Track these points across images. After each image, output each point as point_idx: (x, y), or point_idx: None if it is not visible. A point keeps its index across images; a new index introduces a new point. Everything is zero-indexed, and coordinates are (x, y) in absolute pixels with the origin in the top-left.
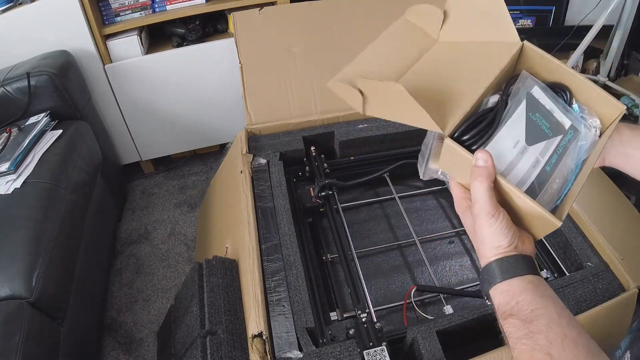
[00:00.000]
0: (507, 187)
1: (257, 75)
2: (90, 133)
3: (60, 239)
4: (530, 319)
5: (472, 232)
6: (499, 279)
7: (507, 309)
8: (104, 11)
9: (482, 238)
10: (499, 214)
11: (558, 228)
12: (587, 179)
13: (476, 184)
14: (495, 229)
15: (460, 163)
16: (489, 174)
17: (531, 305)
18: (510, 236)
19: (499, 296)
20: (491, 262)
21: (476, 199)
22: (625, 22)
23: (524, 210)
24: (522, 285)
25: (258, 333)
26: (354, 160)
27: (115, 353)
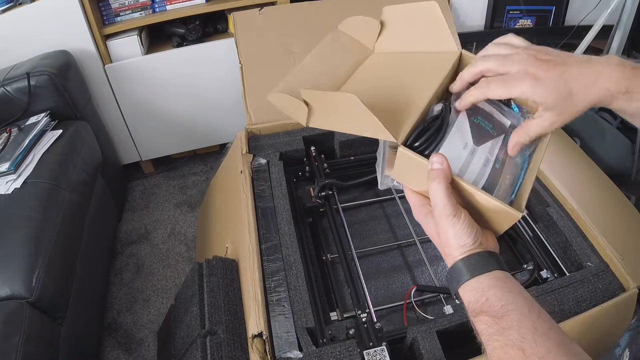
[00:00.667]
0: (464, 186)
1: (257, 75)
2: (90, 133)
3: (60, 239)
4: (501, 315)
5: (435, 236)
6: (466, 277)
7: (477, 307)
8: (104, 11)
9: (446, 240)
10: (461, 214)
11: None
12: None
13: (433, 185)
14: (458, 228)
15: (416, 170)
16: (446, 175)
17: (501, 301)
18: (474, 234)
19: (468, 294)
20: (457, 261)
21: (436, 201)
22: (625, 22)
23: (484, 206)
24: (491, 281)
25: (258, 333)
26: (354, 160)
27: (115, 353)
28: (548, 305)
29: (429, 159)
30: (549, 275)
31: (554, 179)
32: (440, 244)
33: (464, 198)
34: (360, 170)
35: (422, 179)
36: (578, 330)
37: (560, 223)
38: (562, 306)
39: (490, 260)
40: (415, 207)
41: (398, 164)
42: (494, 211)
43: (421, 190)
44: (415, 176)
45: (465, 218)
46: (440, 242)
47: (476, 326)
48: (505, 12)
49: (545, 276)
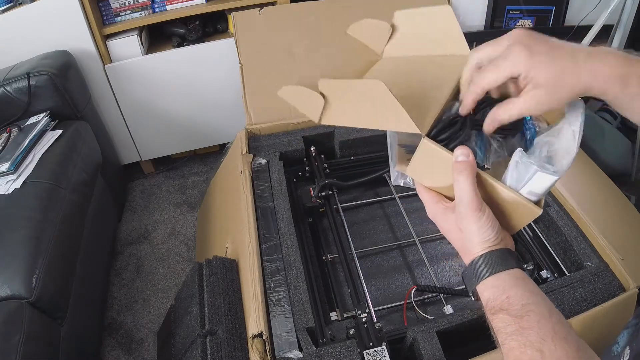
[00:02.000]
0: (488, 180)
1: (257, 75)
2: (90, 133)
3: (60, 239)
4: (521, 315)
5: (455, 231)
6: (487, 274)
7: (497, 304)
8: (104, 11)
9: (469, 235)
10: (485, 208)
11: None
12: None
13: (461, 179)
14: (483, 222)
15: (437, 163)
16: (473, 168)
17: (522, 300)
18: (497, 229)
19: (488, 291)
20: (477, 257)
21: (462, 194)
22: (625, 22)
23: (506, 201)
24: (512, 280)
25: (258, 333)
26: (354, 160)
27: (115, 353)
28: None
29: (454, 151)
30: (549, 275)
31: None
32: (461, 239)
33: (486, 193)
34: (360, 170)
35: (442, 173)
36: (578, 330)
37: (560, 223)
38: (562, 306)
39: (511, 258)
40: (430, 204)
41: (418, 156)
42: (515, 206)
43: (437, 186)
44: (434, 170)
45: (490, 213)
46: (461, 237)
47: (494, 324)
48: (505, 12)
49: (545, 276)
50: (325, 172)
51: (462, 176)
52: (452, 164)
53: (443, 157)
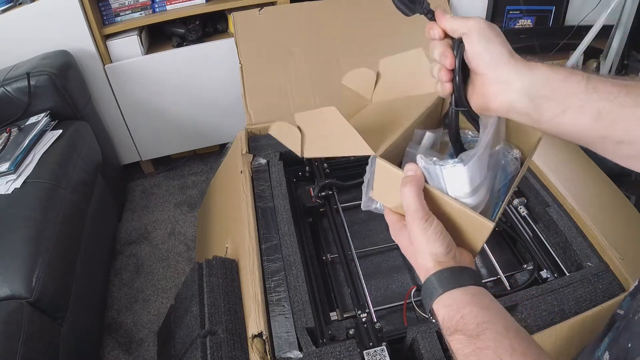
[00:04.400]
0: (437, 195)
1: (257, 75)
2: (90, 133)
3: (60, 239)
4: (477, 334)
5: (408, 247)
6: (440, 291)
7: (452, 324)
8: (104, 11)
9: (418, 247)
10: (433, 219)
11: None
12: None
13: (405, 190)
14: (430, 234)
15: (393, 182)
16: (418, 181)
17: (477, 318)
18: (447, 243)
19: (442, 310)
20: (430, 275)
21: (408, 205)
22: (625, 22)
23: (457, 216)
24: (466, 297)
25: (258, 333)
26: (354, 160)
27: (115, 353)
28: (548, 305)
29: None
30: (549, 275)
31: (554, 179)
32: (413, 253)
33: (438, 209)
34: (360, 170)
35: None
36: (578, 330)
37: (560, 223)
38: (562, 306)
39: (464, 275)
40: (392, 225)
41: (377, 176)
42: (467, 220)
43: (398, 207)
44: (392, 189)
45: (438, 225)
46: (413, 249)
47: (451, 345)
48: (505, 12)
49: (545, 276)
50: (325, 172)
51: (407, 188)
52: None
53: (395, 174)
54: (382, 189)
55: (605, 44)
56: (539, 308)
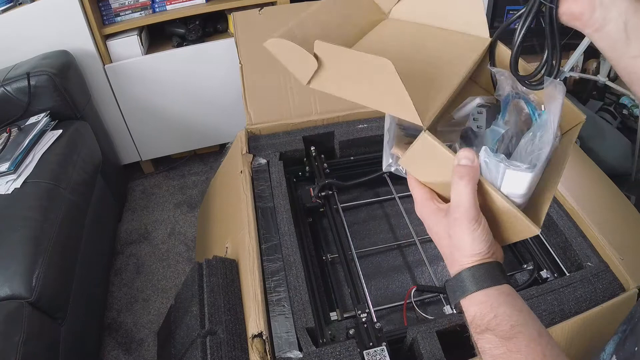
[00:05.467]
0: (488, 190)
1: (257, 75)
2: (90, 133)
3: (60, 239)
4: (509, 337)
5: (444, 237)
6: (473, 288)
7: (484, 323)
8: (104, 11)
9: (459, 244)
10: (481, 219)
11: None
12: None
13: (461, 184)
14: (477, 235)
15: (437, 160)
16: (475, 174)
17: (510, 320)
18: (490, 242)
19: (475, 307)
20: (465, 269)
21: (460, 202)
22: None
23: (504, 214)
24: (500, 297)
25: (258, 333)
26: (354, 160)
27: (115, 353)
28: (548, 305)
29: (458, 153)
30: (549, 275)
31: None
32: (450, 247)
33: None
34: (360, 170)
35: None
36: (578, 330)
37: (560, 223)
38: (562, 306)
39: (499, 272)
40: (422, 201)
41: (415, 150)
42: (513, 221)
43: (432, 182)
44: (432, 167)
45: (485, 225)
46: (450, 244)
47: (479, 344)
48: (505, 12)
49: (545, 276)
50: (325, 172)
51: (463, 182)
52: (453, 165)
53: (444, 156)
54: (418, 161)
55: None
56: (539, 308)
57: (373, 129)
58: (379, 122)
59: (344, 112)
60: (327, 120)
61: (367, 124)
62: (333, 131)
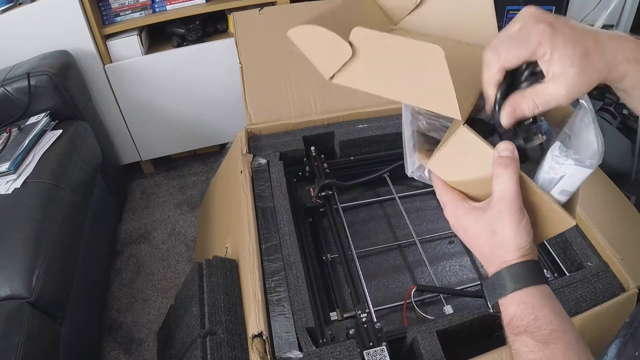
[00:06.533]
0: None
1: (257, 75)
2: (90, 133)
3: (60, 239)
4: (547, 342)
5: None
6: (516, 287)
7: (523, 324)
8: (104, 11)
9: (503, 239)
10: (524, 212)
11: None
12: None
13: (505, 175)
14: (522, 227)
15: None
16: (517, 166)
17: (551, 324)
18: (532, 237)
19: (515, 307)
20: (508, 266)
21: (504, 193)
22: (625, 22)
23: (542, 207)
24: (542, 299)
25: (258, 333)
26: (354, 160)
27: (115, 353)
28: None
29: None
30: (549, 275)
31: None
32: (491, 244)
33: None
34: (360, 170)
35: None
36: (578, 330)
37: None
38: (562, 306)
39: (540, 271)
40: (453, 204)
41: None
42: (550, 214)
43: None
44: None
45: (528, 217)
46: (492, 242)
47: (514, 345)
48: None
49: (545, 276)
50: (325, 172)
51: (508, 172)
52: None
53: (483, 150)
54: (451, 159)
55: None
56: None
57: (373, 129)
58: (379, 122)
59: (344, 112)
60: (327, 120)
61: (367, 124)
62: (333, 131)
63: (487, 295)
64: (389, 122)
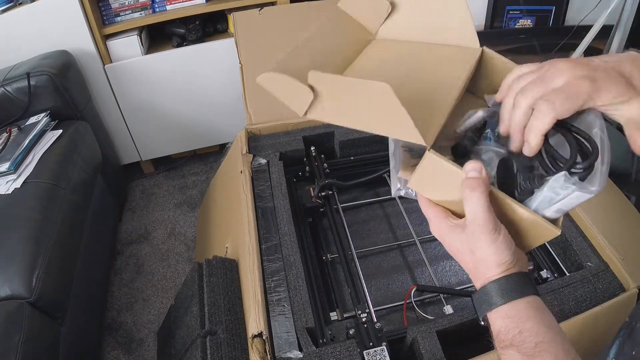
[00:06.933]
0: (503, 200)
1: (257, 75)
2: (90, 133)
3: (60, 239)
4: (533, 354)
5: (465, 253)
6: (500, 301)
7: (508, 338)
8: (104, 11)
9: (483, 257)
10: (501, 228)
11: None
12: None
13: (474, 197)
14: (499, 244)
15: (445, 178)
16: (486, 185)
17: (537, 337)
18: (514, 249)
19: (500, 321)
20: (490, 282)
21: (475, 215)
22: (625, 22)
23: (523, 221)
24: (528, 311)
25: (258, 333)
26: (354, 160)
27: (115, 353)
28: (548, 305)
29: (464, 166)
30: (549, 275)
31: None
32: (473, 262)
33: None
34: (360, 170)
35: (450, 188)
36: (578, 330)
37: None
38: (562, 306)
39: (528, 283)
40: (436, 221)
41: (422, 169)
42: (533, 227)
43: (444, 200)
44: (441, 185)
45: (506, 233)
46: (473, 259)
47: (502, 358)
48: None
49: (545, 276)
50: (325, 172)
51: (475, 194)
52: (461, 180)
53: (451, 171)
54: (426, 180)
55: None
56: None
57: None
58: None
59: None
60: None
61: None
62: (333, 131)
63: (476, 309)
64: None
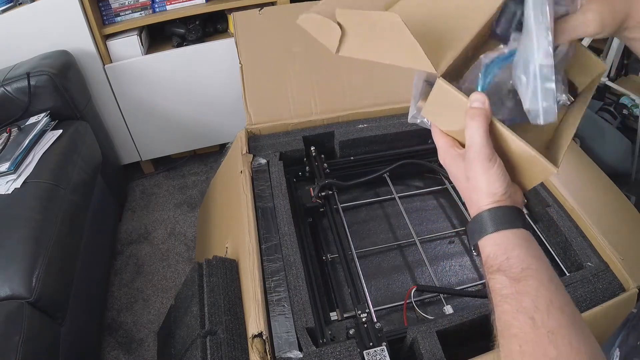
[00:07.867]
0: (502, 131)
1: (257, 75)
2: (90, 133)
3: (60, 239)
4: (519, 279)
5: (462, 180)
6: (491, 229)
7: (496, 263)
8: (104, 11)
9: (476, 185)
10: (496, 159)
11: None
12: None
13: (473, 125)
14: (492, 173)
15: (452, 106)
16: (487, 115)
17: (523, 263)
18: (507, 183)
19: (489, 248)
20: (484, 211)
21: (473, 142)
22: None
23: (521, 156)
24: (516, 240)
25: (258, 333)
26: (354, 160)
27: (115, 353)
28: None
29: (470, 96)
30: None
31: (553, 178)
32: (468, 189)
33: (497, 143)
34: (360, 170)
35: (457, 117)
36: None
37: (560, 223)
38: None
39: (518, 217)
40: (443, 149)
41: (433, 98)
42: (530, 162)
43: (452, 130)
44: (449, 114)
45: (500, 165)
46: (468, 186)
47: (490, 283)
48: None
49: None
50: (325, 172)
51: (475, 122)
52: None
53: (458, 100)
54: (436, 109)
55: (605, 44)
56: None
57: (373, 129)
58: (379, 122)
59: (344, 112)
60: (327, 120)
61: (367, 124)
62: (333, 131)
63: (469, 238)
64: (389, 122)
